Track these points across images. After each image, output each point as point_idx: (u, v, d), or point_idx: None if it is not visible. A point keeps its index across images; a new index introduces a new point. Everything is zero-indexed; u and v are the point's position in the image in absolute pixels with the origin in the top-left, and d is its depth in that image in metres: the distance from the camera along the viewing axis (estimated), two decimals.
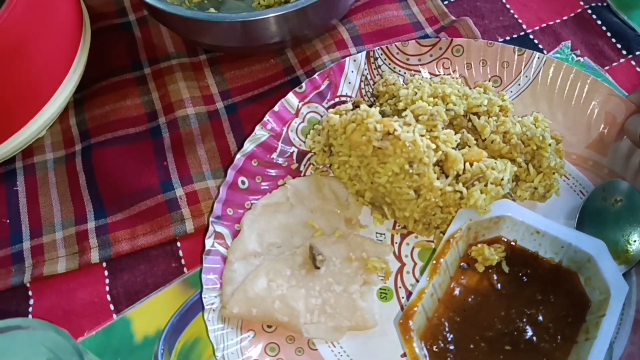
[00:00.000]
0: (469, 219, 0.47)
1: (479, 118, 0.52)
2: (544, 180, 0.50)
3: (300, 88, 0.56)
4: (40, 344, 0.39)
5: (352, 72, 0.58)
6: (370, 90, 0.58)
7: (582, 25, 0.62)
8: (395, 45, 0.58)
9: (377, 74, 0.58)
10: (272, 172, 0.55)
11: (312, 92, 0.57)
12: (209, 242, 0.50)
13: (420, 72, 0.58)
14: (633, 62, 0.60)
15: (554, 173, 0.50)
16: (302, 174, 0.55)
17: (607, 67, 0.59)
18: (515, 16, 0.64)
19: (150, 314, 0.50)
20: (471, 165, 0.49)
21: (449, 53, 0.58)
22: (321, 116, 0.57)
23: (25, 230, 0.55)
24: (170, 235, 0.53)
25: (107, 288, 0.52)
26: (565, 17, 0.63)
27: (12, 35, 0.50)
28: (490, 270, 0.48)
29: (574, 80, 0.55)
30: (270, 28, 0.55)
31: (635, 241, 0.48)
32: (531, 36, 0.62)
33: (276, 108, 0.56)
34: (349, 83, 0.58)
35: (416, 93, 0.52)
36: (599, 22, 0.62)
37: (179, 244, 0.54)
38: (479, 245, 0.48)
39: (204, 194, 0.55)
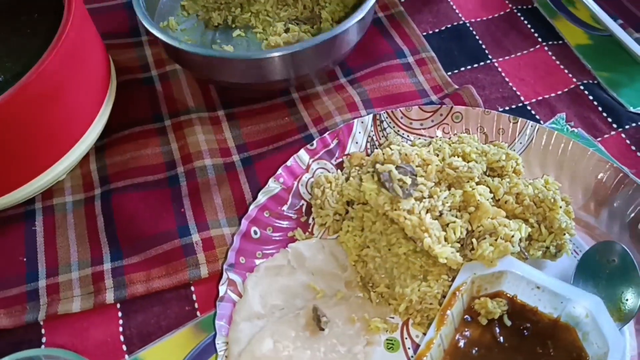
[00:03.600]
0: (473, 272, 0.50)
1: (492, 179, 0.54)
2: (555, 240, 0.52)
3: (312, 145, 0.61)
4: None
5: (360, 132, 0.62)
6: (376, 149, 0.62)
7: (575, 99, 0.67)
8: (400, 110, 0.63)
9: (382, 136, 0.62)
10: (283, 223, 0.58)
11: (322, 149, 0.61)
12: (222, 289, 0.52)
13: (423, 135, 0.62)
14: (623, 135, 0.64)
15: (564, 234, 0.52)
16: (310, 227, 0.58)
17: (599, 139, 0.64)
18: (514, 89, 0.69)
19: (162, 356, 0.51)
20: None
21: (449, 119, 0.62)
22: (329, 172, 0.60)
23: (42, 269, 0.56)
24: (185, 279, 0.55)
25: (121, 329, 0.53)
26: (559, 92, 0.68)
27: (49, 82, 0.53)
28: (492, 324, 0.50)
29: (564, 147, 0.59)
30: (274, 66, 0.61)
31: (627, 299, 0.50)
32: (528, 107, 0.67)
33: (289, 163, 0.59)
34: (356, 143, 0.62)
35: (437, 154, 0.55)
36: (591, 97, 0.67)
37: (192, 288, 0.55)
38: (482, 299, 0.50)
39: (219, 241, 0.57)
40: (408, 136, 0.62)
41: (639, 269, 0.50)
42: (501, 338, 0.49)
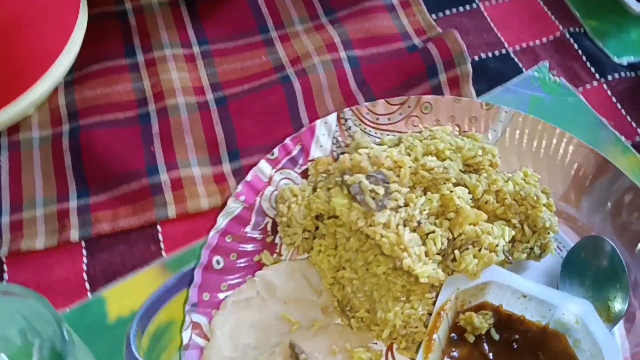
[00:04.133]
0: (456, 287, 0.46)
1: (469, 176, 0.50)
2: (539, 239, 0.49)
3: (272, 155, 0.55)
4: (15, 311, 0.39)
5: (324, 134, 0.56)
6: (342, 152, 0.56)
7: (559, 48, 0.65)
8: (365, 105, 0.57)
9: (348, 135, 0.57)
10: (247, 247, 0.52)
11: (284, 157, 0.55)
12: (186, 335, 0.47)
13: (391, 131, 0.57)
14: (605, 86, 0.63)
15: (548, 233, 0.49)
16: (277, 247, 0.53)
17: (580, 89, 0.62)
18: (499, 35, 0.67)
19: (125, 295, 0.51)
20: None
21: (418, 110, 0.57)
22: (294, 182, 0.54)
23: (6, 205, 0.55)
24: (152, 219, 0.54)
25: (85, 267, 0.52)
26: (544, 39, 0.66)
27: (8, 7, 0.51)
28: (480, 339, 0.46)
29: (541, 133, 0.55)
30: None
31: (615, 298, 0.48)
32: (512, 55, 0.65)
33: (248, 177, 0.53)
34: (321, 146, 0.56)
35: (409, 154, 0.51)
36: (576, 46, 0.65)
37: (159, 228, 0.54)
38: (467, 314, 0.46)
39: (188, 181, 0.56)
40: (375, 133, 0.57)
41: (625, 264, 0.48)
42: (490, 355, 0.46)
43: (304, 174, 0.55)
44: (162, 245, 0.54)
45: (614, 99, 0.62)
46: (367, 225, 0.46)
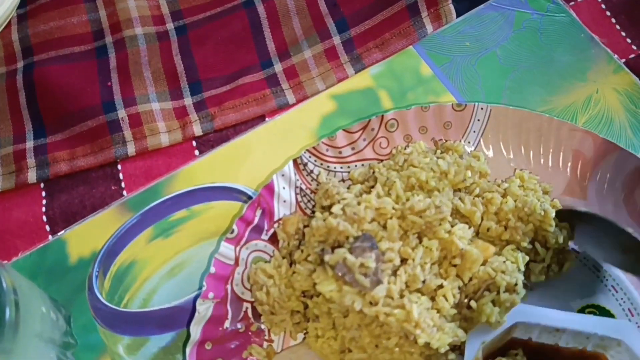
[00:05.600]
0: (481, 341, 0.40)
1: (462, 201, 0.44)
2: (555, 256, 0.44)
3: (232, 232, 0.46)
4: None
5: (284, 188, 0.48)
6: (309, 200, 0.49)
7: None
8: (322, 142, 0.49)
9: (311, 180, 0.49)
10: (231, 345, 0.44)
11: (245, 231, 0.46)
12: None
13: (358, 161, 0.50)
14: None
15: (563, 247, 0.44)
16: (265, 333, 0.45)
17: (572, 3, 0.57)
18: None
19: (86, 236, 0.49)
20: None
21: (383, 130, 0.50)
22: (265, 252, 0.47)
23: None
24: (111, 157, 0.52)
25: (44, 209, 0.51)
26: None
27: None
28: None
29: (526, 124, 0.49)
30: None
31: None
32: None
33: (212, 269, 0.45)
34: (284, 202, 0.48)
35: (389, 193, 0.44)
36: None
37: (119, 167, 0.52)
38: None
39: (147, 117, 0.53)
40: (342, 168, 0.49)
41: None
42: None
43: (273, 239, 0.47)
44: (122, 184, 0.51)
45: (608, 13, 0.57)
46: (367, 306, 0.39)
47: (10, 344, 0.35)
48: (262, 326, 0.45)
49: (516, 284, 0.40)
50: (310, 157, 0.49)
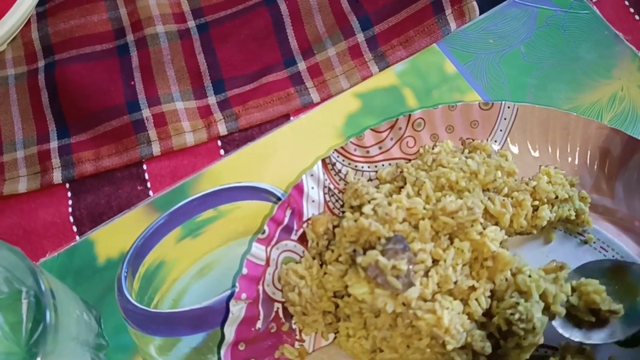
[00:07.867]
0: None
1: (491, 201, 0.44)
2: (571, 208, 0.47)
3: (263, 233, 0.47)
4: None
5: (313, 188, 0.48)
6: (337, 200, 0.49)
7: None
8: (350, 142, 0.49)
9: (339, 180, 0.49)
10: (264, 345, 0.45)
11: (276, 231, 0.47)
12: None
13: (386, 160, 0.50)
14: None
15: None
16: (296, 333, 0.45)
17: (595, 0, 0.57)
18: None
19: (114, 237, 0.49)
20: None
21: (410, 130, 0.50)
22: (295, 252, 0.47)
23: None
24: (136, 157, 0.52)
25: (70, 209, 0.51)
26: None
27: None
28: None
29: (553, 122, 0.49)
30: None
31: None
32: None
33: (244, 270, 0.45)
34: (313, 201, 0.48)
35: (419, 193, 0.45)
36: None
37: (144, 167, 0.52)
38: None
39: (171, 116, 0.53)
40: (369, 167, 0.50)
41: None
42: None
43: (302, 239, 0.48)
44: (148, 184, 0.51)
45: (631, 10, 0.57)
46: (400, 307, 0.40)
47: (52, 347, 0.35)
48: (294, 326, 0.45)
49: (555, 296, 0.41)
50: (338, 156, 0.49)
